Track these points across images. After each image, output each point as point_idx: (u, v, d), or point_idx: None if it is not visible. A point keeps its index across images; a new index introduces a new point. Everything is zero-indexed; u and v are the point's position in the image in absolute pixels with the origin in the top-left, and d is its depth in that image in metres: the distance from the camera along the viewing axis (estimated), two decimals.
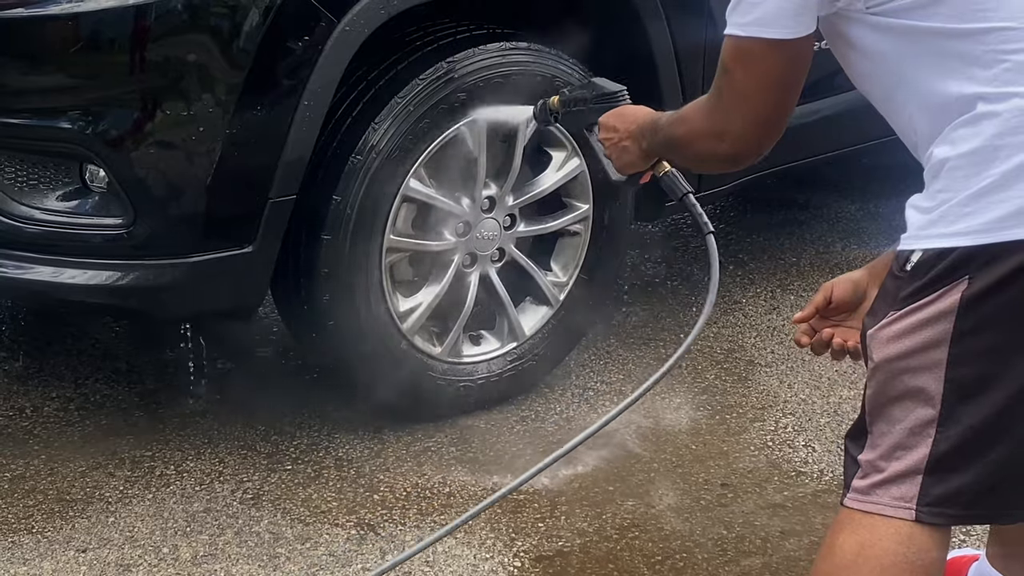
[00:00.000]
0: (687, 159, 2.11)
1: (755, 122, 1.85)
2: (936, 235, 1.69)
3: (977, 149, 1.67)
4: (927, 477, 1.72)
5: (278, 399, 3.21)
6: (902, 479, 1.74)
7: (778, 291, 3.85)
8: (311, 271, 2.84)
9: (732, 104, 1.85)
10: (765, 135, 1.88)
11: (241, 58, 2.61)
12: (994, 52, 1.67)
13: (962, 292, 1.66)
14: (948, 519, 1.76)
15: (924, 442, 1.72)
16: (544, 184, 3.12)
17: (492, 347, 3.16)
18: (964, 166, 1.68)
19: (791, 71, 1.81)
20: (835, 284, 2.06)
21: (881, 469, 1.76)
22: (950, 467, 1.71)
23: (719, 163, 2.01)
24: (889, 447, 1.75)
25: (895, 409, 1.74)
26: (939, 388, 1.69)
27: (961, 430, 1.70)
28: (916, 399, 1.72)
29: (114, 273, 2.69)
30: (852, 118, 3.45)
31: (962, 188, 1.67)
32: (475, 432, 3.11)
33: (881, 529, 1.75)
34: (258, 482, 2.89)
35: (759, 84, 1.81)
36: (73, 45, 2.61)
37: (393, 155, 2.82)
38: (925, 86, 1.72)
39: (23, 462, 2.93)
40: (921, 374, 1.70)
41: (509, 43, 2.96)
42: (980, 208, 1.66)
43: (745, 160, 1.93)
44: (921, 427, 1.72)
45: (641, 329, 3.61)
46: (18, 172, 2.68)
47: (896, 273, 1.74)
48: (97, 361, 3.37)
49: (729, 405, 3.26)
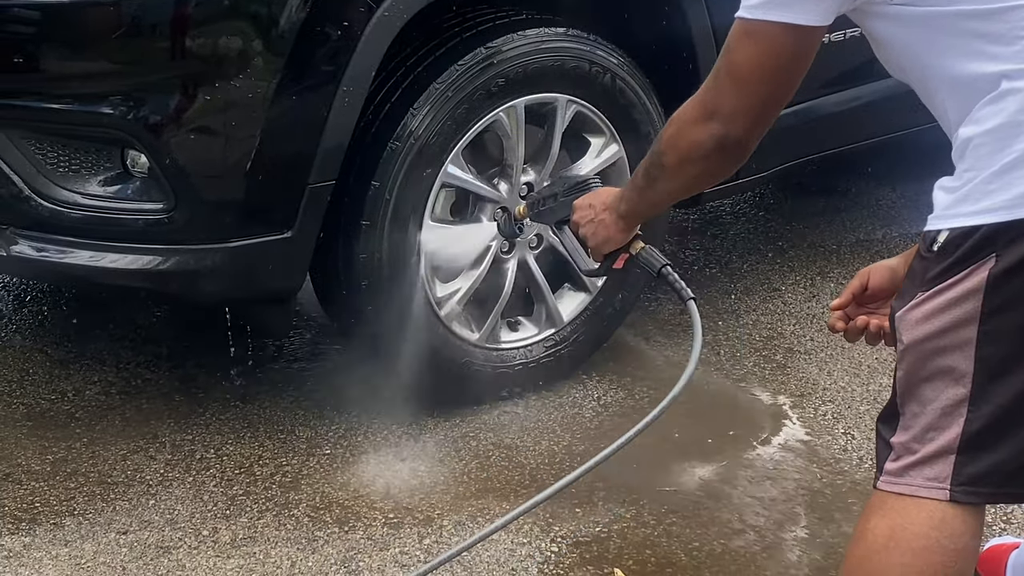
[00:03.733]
0: (670, 170, 2.01)
1: (745, 107, 1.83)
2: (962, 214, 1.69)
3: (1000, 126, 1.66)
4: (960, 456, 1.72)
5: (317, 384, 3.22)
6: (935, 459, 1.73)
7: (818, 278, 3.83)
8: (350, 256, 2.85)
9: (726, 84, 1.84)
10: (752, 124, 1.85)
11: (281, 44, 2.61)
12: (1016, 29, 1.67)
13: (989, 270, 1.66)
14: (982, 498, 1.75)
15: (956, 422, 1.71)
16: (582, 170, 3.11)
17: (530, 333, 3.16)
18: (988, 143, 1.67)
19: (791, 61, 1.79)
20: (871, 271, 2.05)
21: (914, 450, 1.75)
22: (982, 446, 1.71)
23: (704, 157, 1.91)
24: (921, 428, 1.74)
25: (926, 390, 1.74)
26: (969, 367, 1.69)
27: (992, 408, 1.69)
28: (947, 379, 1.71)
29: (155, 258, 2.70)
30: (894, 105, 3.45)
31: (986, 166, 1.67)
32: (513, 418, 3.11)
33: (913, 513, 1.74)
34: (297, 466, 2.91)
35: (757, 69, 1.79)
36: (115, 31, 2.62)
37: (431, 141, 2.82)
38: (951, 70, 1.72)
39: (65, 445, 2.96)
40: (951, 354, 1.70)
41: (547, 28, 2.95)
42: (1005, 184, 1.65)
43: (731, 150, 1.89)
44: (953, 407, 1.71)
45: (679, 316, 3.60)
46: (60, 157, 2.70)
47: (923, 254, 1.74)
48: (138, 346, 3.40)
49: (769, 392, 3.25)
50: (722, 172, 1.98)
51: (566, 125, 3.03)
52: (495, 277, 3.06)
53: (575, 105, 3.02)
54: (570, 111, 3.02)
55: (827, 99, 3.44)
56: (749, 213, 4.32)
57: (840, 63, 3.35)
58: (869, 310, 2.06)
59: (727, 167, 1.95)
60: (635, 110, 3.09)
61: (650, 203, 2.15)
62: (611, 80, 3.03)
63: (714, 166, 1.94)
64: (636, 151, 3.12)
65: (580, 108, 3.03)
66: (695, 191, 2.11)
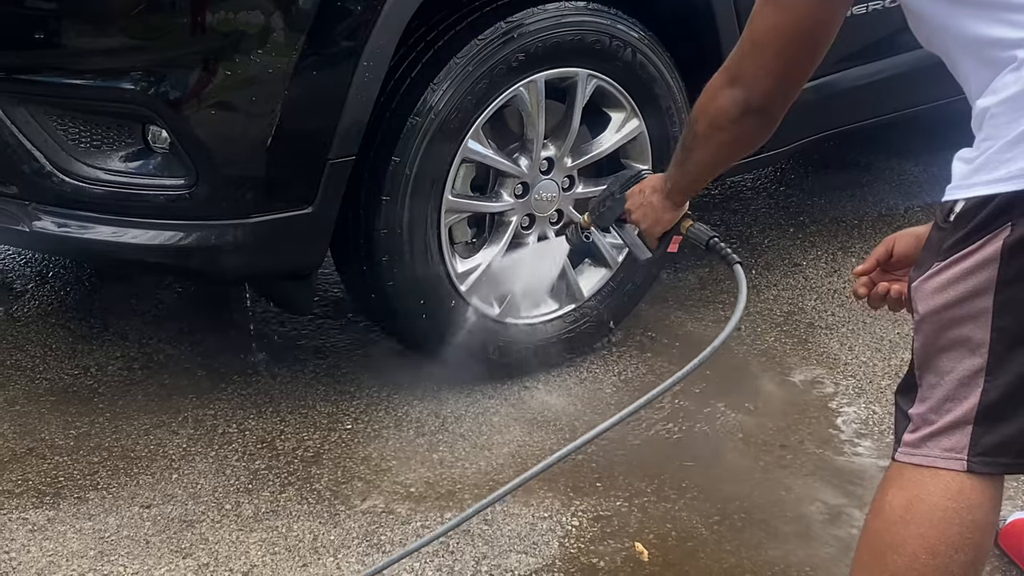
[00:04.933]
0: (701, 138, 2.04)
1: (765, 74, 1.86)
2: (977, 183, 1.68)
3: (1016, 95, 1.65)
4: (977, 427, 1.72)
5: (338, 359, 3.23)
6: (952, 430, 1.73)
7: (839, 253, 3.82)
8: (370, 232, 2.85)
9: (748, 51, 1.87)
10: (774, 91, 1.88)
11: (301, 19, 2.61)
12: None
13: (1004, 239, 1.65)
14: (999, 468, 1.75)
15: (973, 392, 1.71)
16: (603, 145, 3.11)
17: (550, 309, 3.16)
18: (1004, 112, 1.66)
19: (812, 29, 1.81)
20: (897, 238, 2.05)
21: (932, 421, 1.75)
22: (1000, 416, 1.70)
23: (732, 122, 1.94)
24: (939, 399, 1.74)
25: (943, 360, 1.73)
26: (986, 337, 1.68)
27: (1010, 378, 1.69)
28: (964, 349, 1.71)
29: (176, 233, 2.71)
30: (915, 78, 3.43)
31: (1002, 135, 1.66)
32: (534, 393, 3.12)
33: (930, 484, 1.74)
34: (319, 440, 2.92)
35: (777, 37, 1.81)
36: (135, 6, 2.62)
37: (452, 116, 2.82)
38: (973, 40, 1.71)
39: (88, 420, 2.98)
40: (967, 323, 1.70)
41: (568, 2, 2.94)
42: (1020, 152, 1.64)
43: (755, 116, 1.91)
44: (970, 377, 1.71)
45: (700, 291, 3.59)
46: (82, 133, 2.70)
47: (940, 224, 1.74)
48: (161, 321, 3.41)
49: (789, 367, 3.25)
50: (750, 140, 1.99)
51: (587, 100, 3.02)
52: None
53: (595, 80, 3.01)
54: (591, 86, 3.01)
55: (847, 73, 3.42)
56: (770, 188, 4.31)
57: (860, 37, 3.33)
58: (894, 277, 2.05)
59: (754, 135, 1.97)
60: (656, 85, 3.08)
61: (690, 177, 2.18)
62: (632, 54, 3.02)
63: (741, 132, 1.96)
64: (657, 126, 3.12)
65: (600, 83, 3.02)
66: (728, 161, 2.12)
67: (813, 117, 3.40)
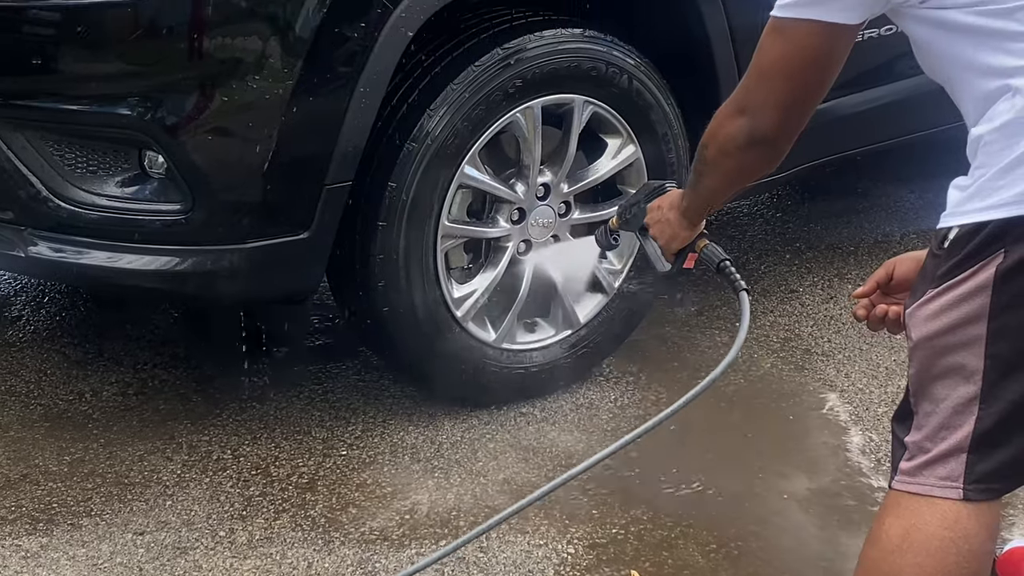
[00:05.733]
0: (710, 164, 2.04)
1: (772, 104, 1.85)
2: (971, 210, 1.69)
3: (1009, 122, 1.67)
4: (972, 455, 1.72)
5: (334, 385, 3.23)
6: (947, 458, 1.73)
7: (836, 280, 3.82)
8: (366, 257, 2.84)
9: (756, 80, 1.86)
10: (781, 120, 1.87)
11: (298, 45, 2.61)
12: None
13: (997, 266, 1.66)
14: (995, 493, 1.75)
15: (968, 420, 1.71)
16: (599, 171, 3.11)
17: (547, 334, 3.15)
18: (997, 140, 1.67)
19: (819, 59, 1.81)
20: (897, 261, 2.05)
21: (927, 449, 1.75)
22: (994, 443, 1.71)
23: (738, 149, 1.94)
24: (934, 427, 1.74)
25: (938, 388, 1.73)
26: (980, 364, 1.68)
27: (1004, 405, 1.69)
28: (958, 376, 1.71)
29: (171, 259, 2.71)
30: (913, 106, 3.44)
31: (995, 162, 1.67)
32: (530, 420, 3.11)
33: (927, 513, 1.74)
34: (313, 467, 2.91)
35: (785, 66, 1.81)
36: (133, 32, 2.63)
37: (448, 142, 2.82)
38: (971, 69, 1.73)
39: (82, 446, 2.97)
40: (961, 351, 1.70)
41: (565, 29, 2.95)
42: (1012, 180, 1.65)
43: (761, 145, 1.91)
44: (964, 404, 1.71)
45: (696, 317, 3.59)
46: (78, 158, 2.70)
47: (934, 251, 1.75)
48: (155, 347, 3.40)
49: (785, 393, 3.24)
50: (757, 168, 2.00)
51: (583, 126, 3.02)
52: (512, 277, 3.05)
53: (592, 106, 3.01)
54: (587, 112, 3.01)
55: (844, 100, 3.42)
56: (767, 214, 4.31)
57: (856, 64, 3.32)
58: (893, 300, 2.05)
59: (761, 163, 1.98)
60: (652, 111, 3.08)
61: (702, 199, 2.18)
62: (628, 81, 3.02)
63: (748, 161, 1.96)
64: (653, 152, 3.12)
65: (597, 109, 3.02)
66: (737, 186, 2.13)
67: (810, 144, 3.36)
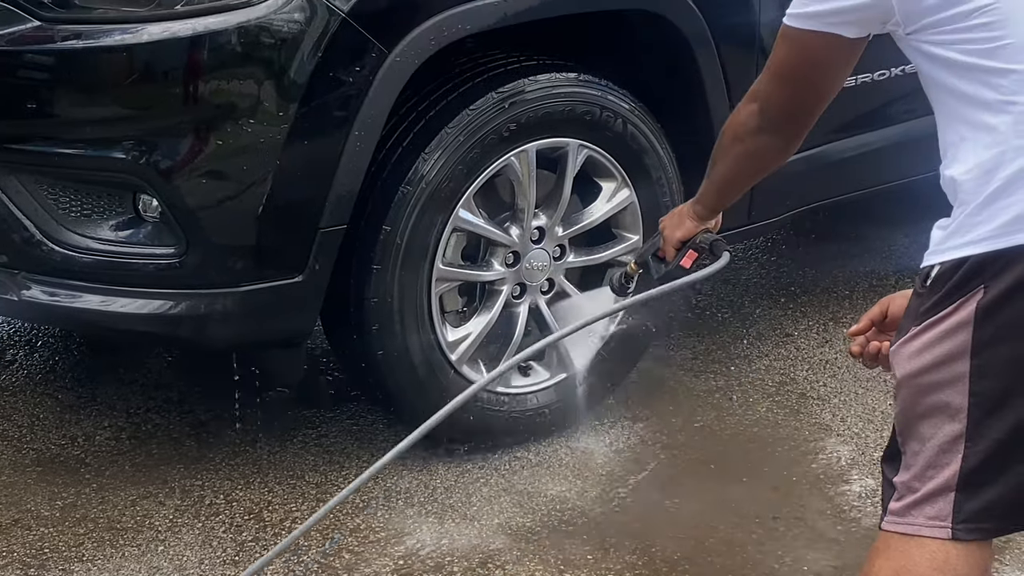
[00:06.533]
0: (723, 149, 2.15)
1: (777, 100, 1.96)
2: (951, 247, 1.70)
3: (984, 160, 1.68)
4: (959, 494, 1.71)
5: (327, 429, 3.21)
6: (935, 497, 1.72)
7: (830, 324, 3.81)
8: (361, 300, 2.84)
9: (766, 76, 1.97)
10: (786, 116, 1.98)
11: (293, 89, 2.62)
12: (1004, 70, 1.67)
13: (978, 301, 1.66)
14: (984, 534, 1.74)
15: (954, 458, 1.70)
16: (594, 215, 3.11)
17: (542, 378, 3.14)
18: (974, 177, 1.69)
19: (819, 66, 1.88)
20: (892, 299, 2.05)
21: (915, 489, 1.74)
22: (982, 481, 1.70)
23: (749, 134, 2.04)
24: (922, 466, 1.74)
25: (924, 426, 1.73)
26: (964, 402, 1.68)
27: (989, 443, 1.68)
28: (943, 415, 1.70)
29: (165, 302, 2.70)
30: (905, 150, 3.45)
31: (972, 199, 1.68)
32: (524, 464, 3.10)
33: (916, 554, 1.73)
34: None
35: (788, 69, 1.91)
36: (127, 76, 2.63)
37: (443, 185, 2.83)
38: (953, 101, 1.74)
39: (74, 490, 2.95)
40: (945, 388, 1.69)
41: (559, 74, 2.96)
42: (989, 215, 1.66)
43: (768, 135, 2.01)
44: (950, 443, 1.70)
45: (692, 361, 3.58)
46: (72, 202, 2.70)
47: (918, 290, 1.76)
48: (149, 391, 3.39)
49: (781, 438, 3.23)
50: (765, 157, 2.10)
51: (578, 169, 3.03)
52: (506, 321, 3.05)
53: (586, 150, 3.02)
54: (581, 156, 3.02)
55: (837, 144, 3.43)
56: (761, 258, 4.31)
57: (850, 109, 3.35)
58: (888, 338, 2.05)
59: (769, 152, 2.08)
60: (647, 155, 3.09)
61: (714, 188, 2.29)
62: (623, 125, 3.03)
63: (757, 147, 2.06)
64: (648, 196, 3.12)
65: (591, 153, 3.03)
66: (746, 176, 2.22)
67: (804, 187, 3.41)
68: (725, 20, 3.09)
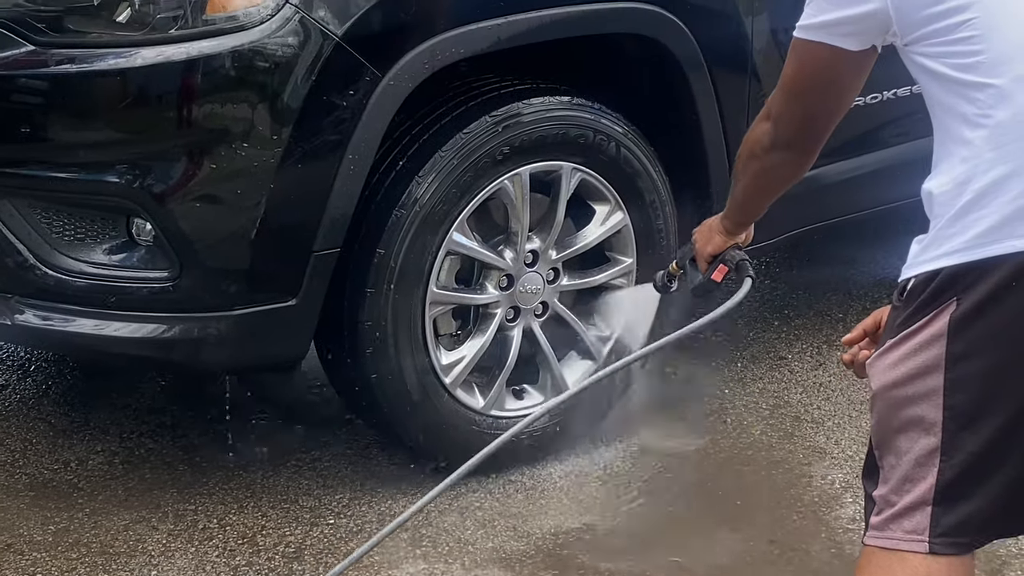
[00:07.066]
0: (741, 165, 2.16)
1: (789, 115, 1.96)
2: (925, 260, 1.72)
3: (958, 173, 1.69)
4: (936, 507, 1.71)
5: (321, 453, 3.20)
6: (912, 511, 1.72)
7: (824, 347, 3.82)
8: (354, 324, 2.84)
9: (778, 91, 1.97)
10: (798, 131, 1.98)
11: (287, 113, 2.62)
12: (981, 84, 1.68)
13: (951, 315, 1.67)
14: (962, 548, 1.74)
15: (930, 472, 1.71)
16: (587, 238, 3.11)
17: (535, 401, 3.14)
18: (947, 190, 1.70)
19: (828, 79, 1.88)
20: (886, 311, 2.05)
21: (893, 503, 1.75)
22: (958, 495, 1.70)
23: (764, 151, 2.04)
24: (898, 480, 1.74)
25: (900, 440, 1.74)
26: (938, 416, 1.69)
27: (965, 457, 1.68)
28: (918, 428, 1.71)
29: (158, 326, 2.70)
30: (899, 173, 3.46)
31: (946, 212, 1.70)
32: (518, 488, 3.09)
33: (897, 569, 1.73)
34: (300, 536, 2.88)
35: (798, 82, 1.91)
36: (121, 100, 2.64)
37: (437, 208, 2.83)
38: (941, 112, 1.75)
39: (67, 515, 2.94)
40: (920, 402, 1.70)
41: (552, 97, 2.97)
42: (962, 227, 1.68)
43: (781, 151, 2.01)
44: (925, 457, 1.71)
45: (686, 384, 3.58)
46: (66, 226, 2.70)
47: (894, 303, 1.78)
48: (142, 415, 3.38)
49: (775, 461, 3.23)
50: (780, 173, 2.10)
51: (571, 193, 3.03)
52: (500, 344, 3.05)
53: (580, 173, 3.02)
54: (575, 179, 3.02)
55: (832, 167, 3.44)
56: (755, 280, 4.30)
57: (844, 132, 3.35)
58: None
59: (783, 169, 2.08)
60: (640, 178, 3.10)
61: (736, 203, 2.32)
62: (616, 148, 3.04)
63: (771, 164, 2.06)
64: (641, 219, 3.13)
65: (585, 176, 3.03)
66: (763, 193, 2.22)
67: (799, 210, 3.41)
68: (718, 44, 3.10)
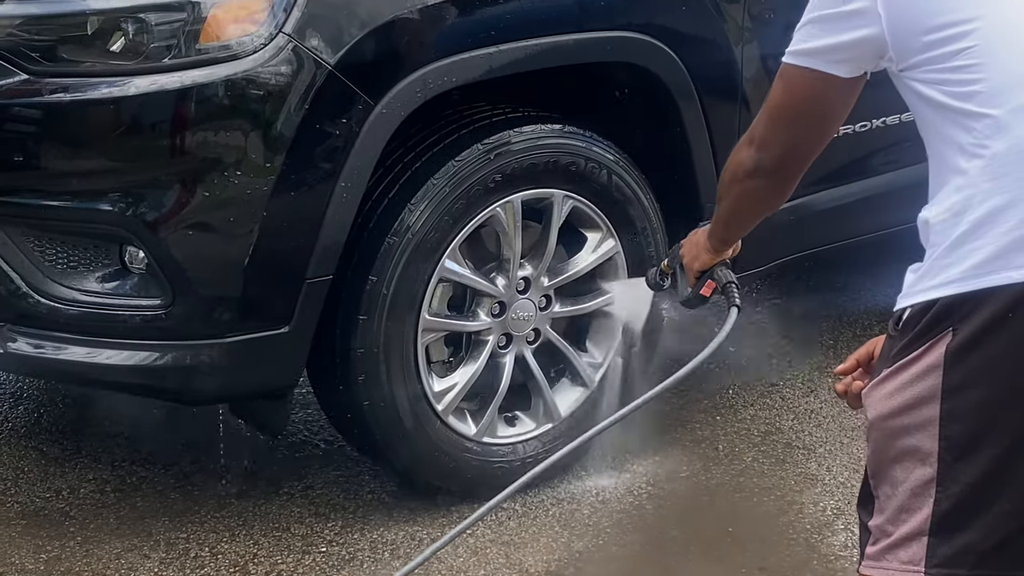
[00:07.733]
0: (724, 187, 2.14)
1: (773, 141, 1.95)
2: (920, 289, 1.71)
3: (954, 202, 1.69)
4: (932, 538, 1.70)
5: (313, 481, 3.20)
6: (909, 541, 1.72)
7: (815, 374, 3.82)
8: (347, 351, 2.84)
9: (763, 116, 1.96)
10: (781, 157, 1.96)
11: (280, 141, 2.63)
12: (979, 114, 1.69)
13: (947, 345, 1.66)
14: None
15: (926, 503, 1.70)
16: (579, 265, 3.12)
17: (527, 428, 3.14)
18: (945, 220, 1.70)
19: (815, 106, 1.87)
20: (879, 341, 2.06)
21: (889, 533, 1.74)
22: (954, 526, 1.69)
23: (746, 175, 2.03)
24: (894, 510, 1.74)
25: (896, 470, 1.73)
26: (934, 447, 1.68)
27: (961, 488, 1.68)
28: (914, 459, 1.71)
29: (151, 354, 2.70)
30: (889, 201, 3.48)
31: (943, 241, 1.69)
32: (511, 514, 3.09)
33: None
34: (292, 564, 2.87)
35: (784, 108, 1.90)
36: (115, 129, 2.64)
37: (429, 236, 2.84)
38: (937, 140, 1.75)
39: (59, 544, 2.93)
40: (916, 433, 1.70)
41: (544, 125, 2.98)
42: (958, 258, 1.67)
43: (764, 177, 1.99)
44: (922, 487, 1.70)
45: (678, 411, 3.58)
46: (58, 254, 2.71)
47: (890, 333, 1.76)
48: (133, 443, 3.37)
49: (767, 487, 3.23)
50: (763, 197, 2.09)
51: (563, 220, 3.04)
52: (492, 371, 3.05)
53: (571, 200, 3.03)
54: (567, 206, 3.03)
55: (821, 195, 3.46)
56: (745, 308, 4.31)
57: (833, 160, 3.38)
58: None
59: (766, 192, 2.06)
60: (631, 206, 3.11)
61: (721, 222, 2.30)
62: (607, 176, 3.05)
63: (754, 188, 2.04)
64: (632, 246, 3.14)
65: (577, 203, 3.05)
66: (747, 215, 2.21)
67: (789, 237, 3.43)
68: (708, 73, 3.12)
